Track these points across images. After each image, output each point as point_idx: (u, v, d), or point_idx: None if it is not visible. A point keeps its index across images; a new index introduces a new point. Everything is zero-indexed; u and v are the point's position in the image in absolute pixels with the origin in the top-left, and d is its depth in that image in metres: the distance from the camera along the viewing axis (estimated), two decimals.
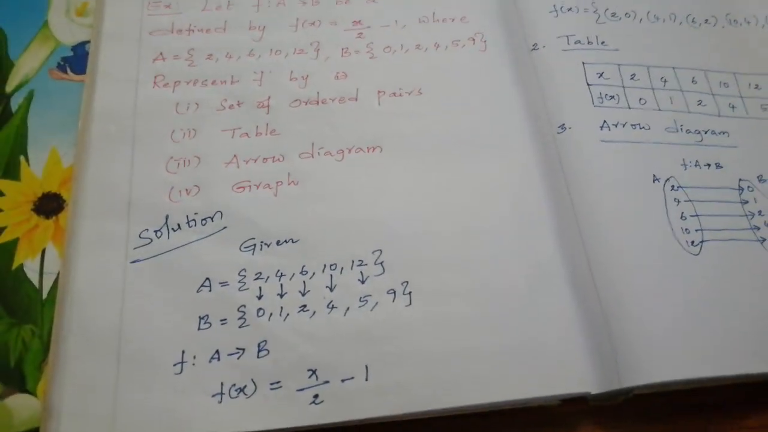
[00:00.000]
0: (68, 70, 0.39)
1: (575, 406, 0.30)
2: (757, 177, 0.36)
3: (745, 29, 0.42)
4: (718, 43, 0.41)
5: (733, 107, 0.38)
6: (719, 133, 0.37)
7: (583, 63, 0.38)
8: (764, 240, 0.34)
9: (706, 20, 0.42)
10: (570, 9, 0.41)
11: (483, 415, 0.30)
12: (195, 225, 0.33)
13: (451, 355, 0.30)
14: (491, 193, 0.34)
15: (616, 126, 0.36)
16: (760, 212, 0.35)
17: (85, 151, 0.35)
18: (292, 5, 0.41)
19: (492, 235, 0.33)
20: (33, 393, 0.30)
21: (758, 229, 0.34)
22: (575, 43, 0.39)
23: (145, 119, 0.36)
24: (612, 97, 0.37)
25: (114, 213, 0.33)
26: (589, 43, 0.39)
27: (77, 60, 0.39)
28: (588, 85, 0.38)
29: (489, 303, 0.31)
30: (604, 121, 0.36)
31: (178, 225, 0.33)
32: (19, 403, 0.29)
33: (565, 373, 0.30)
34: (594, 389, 0.30)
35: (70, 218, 0.33)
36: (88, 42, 0.39)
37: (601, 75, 0.38)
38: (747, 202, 0.35)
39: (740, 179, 0.36)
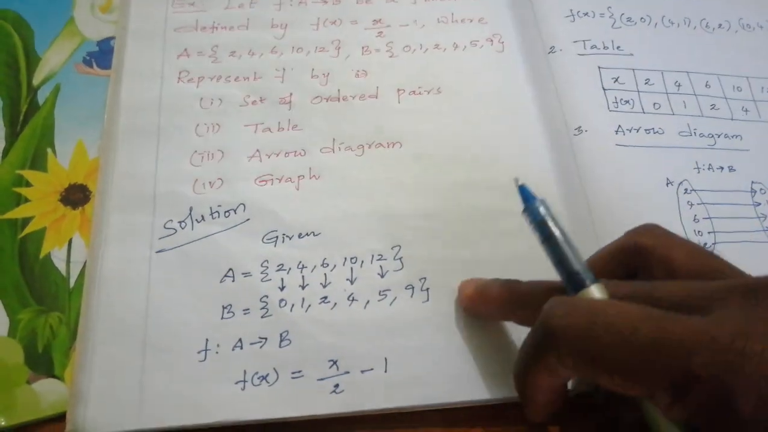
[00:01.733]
0: (94, 64, 0.39)
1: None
2: None
3: (758, 34, 0.43)
4: (732, 48, 0.42)
5: (746, 111, 0.39)
6: (732, 137, 0.38)
7: (599, 67, 0.39)
8: None
9: (720, 25, 0.43)
10: (586, 14, 0.41)
11: (496, 407, 0.31)
12: (218, 217, 0.34)
13: (467, 351, 0.31)
14: (507, 193, 0.35)
15: (630, 131, 0.37)
16: None
17: (111, 144, 0.35)
18: (313, 4, 0.41)
19: (507, 235, 0.34)
20: (60, 378, 0.30)
21: None
22: (591, 47, 0.40)
23: (170, 114, 0.37)
24: (627, 101, 0.38)
25: (139, 204, 0.34)
26: (605, 47, 0.40)
27: (102, 55, 0.40)
28: (604, 89, 0.38)
29: None
30: (619, 126, 0.37)
31: (202, 216, 0.33)
32: (47, 388, 0.30)
33: None
34: None
35: (96, 209, 0.34)
36: (113, 38, 0.40)
37: (616, 80, 0.39)
38: (759, 204, 0.36)
39: (753, 182, 0.36)
